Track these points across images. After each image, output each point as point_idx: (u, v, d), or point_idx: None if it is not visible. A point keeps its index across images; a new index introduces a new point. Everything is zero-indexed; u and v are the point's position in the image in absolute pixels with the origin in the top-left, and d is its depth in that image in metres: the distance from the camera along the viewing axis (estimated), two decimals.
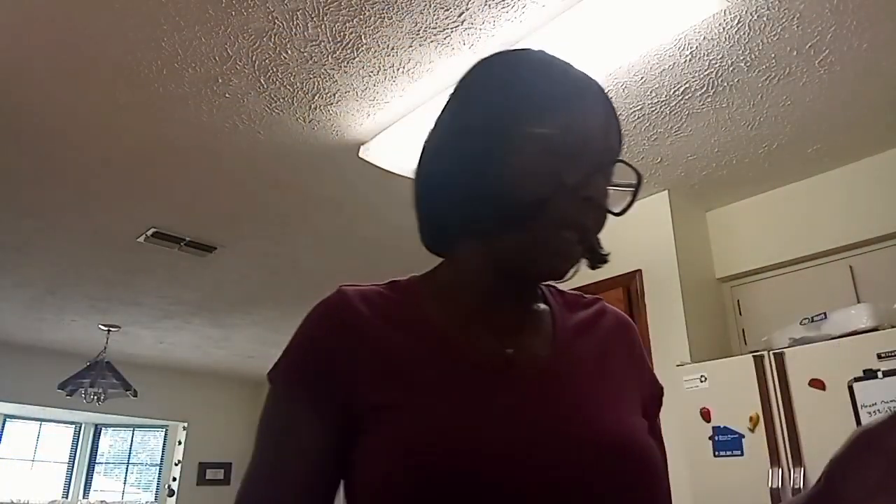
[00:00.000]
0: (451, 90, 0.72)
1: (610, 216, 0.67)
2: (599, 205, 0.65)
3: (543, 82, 0.67)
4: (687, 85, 2.51)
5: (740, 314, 3.31)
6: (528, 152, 0.63)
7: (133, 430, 7.80)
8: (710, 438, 2.57)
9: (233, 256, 4.18)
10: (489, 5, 2.11)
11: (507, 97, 0.66)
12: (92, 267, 4.38)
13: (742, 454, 2.48)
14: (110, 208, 3.55)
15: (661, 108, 2.65)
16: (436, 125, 0.72)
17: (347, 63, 2.40)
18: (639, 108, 2.64)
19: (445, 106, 0.72)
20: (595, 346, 0.74)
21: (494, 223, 0.64)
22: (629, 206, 0.67)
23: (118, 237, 3.91)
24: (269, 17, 2.18)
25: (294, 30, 2.24)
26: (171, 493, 7.32)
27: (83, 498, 7.32)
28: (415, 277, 0.74)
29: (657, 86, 2.51)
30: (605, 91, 0.69)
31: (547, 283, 0.75)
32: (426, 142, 0.72)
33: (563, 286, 0.78)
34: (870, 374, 2.24)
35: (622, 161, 0.68)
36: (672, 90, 2.54)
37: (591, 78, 0.69)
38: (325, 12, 2.16)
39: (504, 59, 0.71)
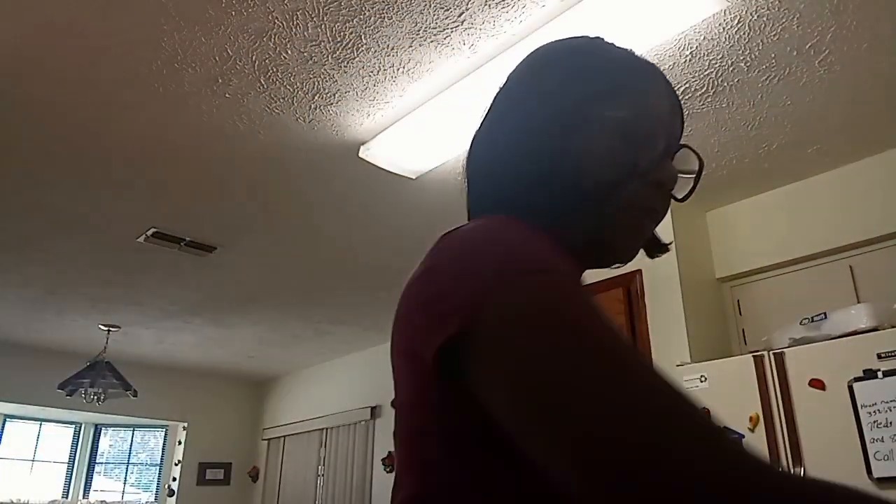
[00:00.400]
0: (512, 74, 0.71)
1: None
2: (668, 190, 0.65)
3: (612, 66, 0.66)
4: (687, 85, 2.51)
5: (740, 314, 3.31)
6: (603, 136, 0.62)
7: (133, 430, 7.80)
8: None
9: (233, 256, 4.18)
10: (489, 5, 2.11)
11: (578, 81, 0.65)
12: (92, 267, 4.38)
13: None
14: (110, 208, 3.55)
15: None
16: (497, 105, 0.70)
17: (347, 63, 2.40)
18: None
19: (505, 88, 0.71)
20: None
21: (567, 206, 0.63)
22: (692, 192, 0.68)
23: (118, 237, 3.91)
24: (269, 17, 2.18)
25: (294, 30, 2.24)
26: (171, 493, 7.32)
27: (83, 498, 7.32)
28: None
29: None
30: (668, 78, 0.69)
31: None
32: (487, 121, 0.70)
33: None
34: (870, 374, 2.24)
35: (687, 146, 0.68)
36: None
37: (649, 62, 0.68)
38: (325, 12, 2.16)
39: (569, 44, 0.70)
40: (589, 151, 0.62)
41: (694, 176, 0.68)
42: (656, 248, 0.72)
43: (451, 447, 0.54)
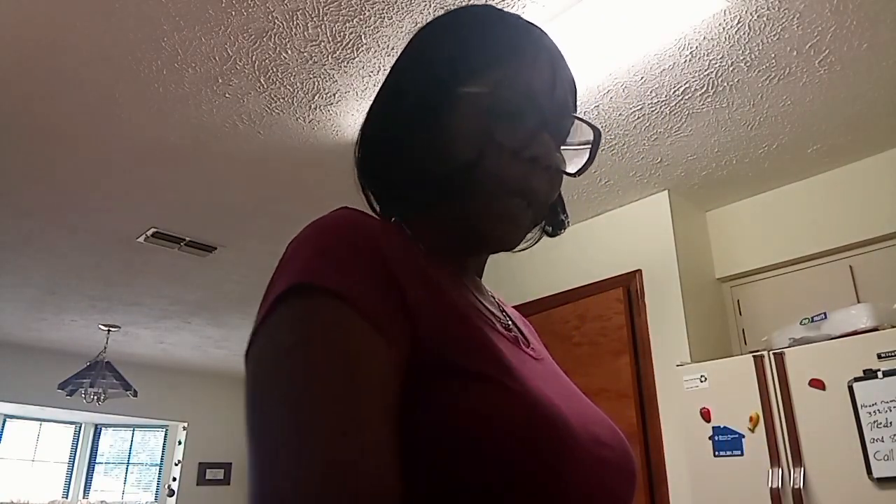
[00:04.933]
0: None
1: (566, 178, 0.62)
2: (548, 166, 0.59)
3: (474, 38, 0.62)
4: (687, 85, 2.51)
5: (740, 314, 3.31)
6: (459, 113, 0.59)
7: (133, 430, 7.80)
8: (710, 438, 2.57)
9: (233, 256, 4.19)
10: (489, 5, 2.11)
11: (439, 56, 0.62)
12: (92, 267, 4.38)
13: (742, 454, 2.48)
14: (110, 208, 3.55)
15: (661, 108, 2.65)
16: (377, 94, 0.66)
17: (347, 63, 2.40)
18: (639, 108, 2.65)
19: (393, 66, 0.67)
20: (533, 337, 0.72)
21: (435, 191, 0.60)
22: (587, 165, 0.62)
23: (118, 237, 3.91)
24: (269, 17, 2.18)
25: (294, 30, 2.24)
26: (171, 493, 7.32)
27: (83, 498, 7.32)
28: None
29: (657, 86, 2.51)
30: (557, 45, 0.64)
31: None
32: (368, 110, 0.66)
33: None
34: (870, 374, 2.24)
35: (577, 117, 0.63)
36: (672, 90, 2.54)
37: (538, 30, 0.64)
38: (325, 12, 2.16)
39: (441, 19, 0.66)
40: (447, 129, 0.59)
41: (590, 147, 0.62)
42: (555, 226, 0.67)
43: None
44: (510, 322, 0.66)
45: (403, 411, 0.47)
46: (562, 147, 0.63)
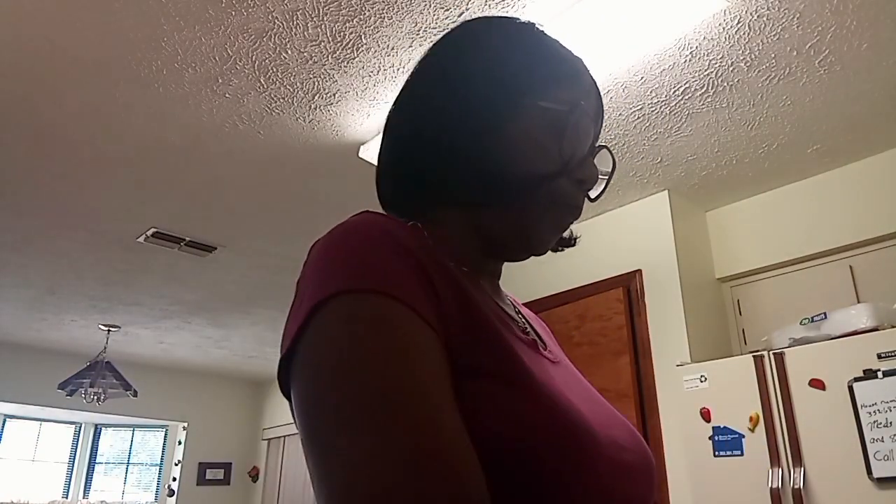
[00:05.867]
0: (434, 49, 0.66)
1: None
2: (588, 189, 0.63)
3: (548, 54, 0.63)
4: (687, 85, 2.51)
5: (740, 314, 3.31)
6: (540, 127, 0.60)
7: (133, 430, 7.80)
8: (710, 438, 2.57)
9: (233, 256, 4.19)
10: (489, 5, 2.11)
11: (514, 64, 0.62)
12: (92, 267, 4.38)
13: (742, 454, 2.48)
14: (110, 208, 3.55)
15: (661, 108, 2.65)
16: (419, 78, 0.65)
17: (347, 63, 2.40)
18: (639, 108, 2.65)
19: (428, 61, 0.65)
20: (553, 341, 0.73)
21: (489, 196, 0.60)
22: (603, 192, 0.66)
23: (118, 237, 3.91)
24: (269, 17, 2.18)
25: (294, 30, 2.24)
26: (171, 493, 7.32)
27: (83, 498, 7.32)
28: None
29: (657, 86, 2.51)
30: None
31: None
32: (407, 94, 0.65)
33: None
34: (870, 374, 2.24)
35: (605, 147, 0.66)
36: (672, 90, 2.54)
37: (583, 60, 0.66)
38: (325, 12, 2.16)
39: (499, 24, 0.66)
40: (521, 140, 0.59)
41: (607, 177, 0.66)
42: (563, 243, 0.70)
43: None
44: (527, 325, 0.66)
45: None
46: (598, 173, 0.66)
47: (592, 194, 0.65)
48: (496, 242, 0.63)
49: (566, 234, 0.69)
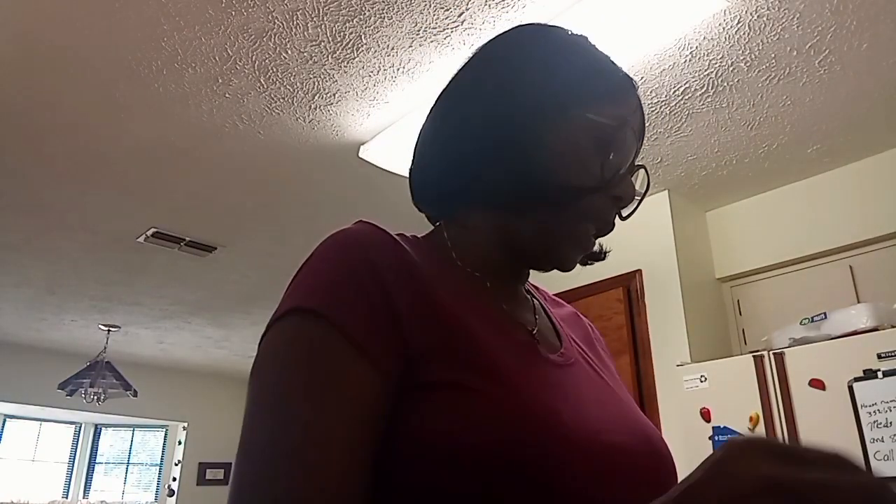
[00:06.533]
0: (484, 52, 0.66)
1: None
2: (623, 207, 0.63)
3: (599, 69, 0.63)
4: (687, 85, 2.51)
5: (740, 314, 3.31)
6: (582, 139, 0.59)
7: (133, 430, 7.80)
8: (710, 438, 2.57)
9: (233, 256, 4.19)
10: (489, 5, 2.11)
11: (565, 74, 0.61)
12: (92, 267, 4.38)
13: None
14: (110, 208, 3.55)
15: (661, 108, 2.65)
16: (467, 75, 0.65)
17: (347, 63, 2.40)
18: None
19: (472, 66, 0.66)
20: (583, 342, 0.72)
21: (523, 202, 0.60)
22: (634, 211, 0.66)
23: (118, 237, 3.91)
24: (269, 17, 2.18)
25: (294, 30, 2.24)
26: (171, 493, 7.32)
27: (83, 498, 7.32)
28: (416, 236, 0.66)
29: (657, 86, 2.51)
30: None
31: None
32: (454, 88, 0.66)
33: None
34: (870, 374, 2.24)
35: (643, 167, 0.66)
36: (672, 90, 2.54)
37: (632, 78, 0.66)
38: (325, 12, 2.16)
39: (551, 34, 0.66)
40: (565, 151, 0.59)
41: (640, 197, 0.65)
42: (592, 257, 0.69)
43: None
44: (537, 326, 0.65)
45: (391, 425, 0.49)
46: (633, 190, 0.66)
47: (624, 213, 0.65)
48: (520, 249, 0.63)
49: (597, 248, 0.68)
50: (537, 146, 0.59)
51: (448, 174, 0.64)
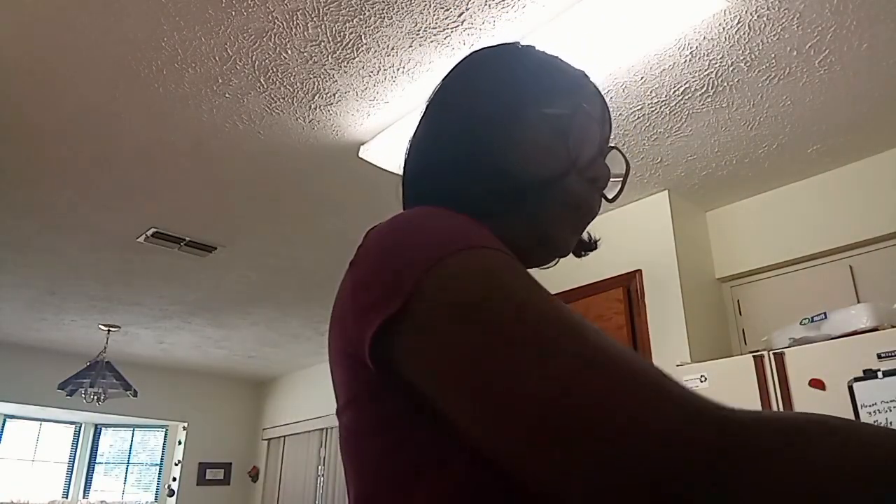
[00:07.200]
0: (444, 80, 0.72)
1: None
2: (602, 187, 0.67)
3: (547, 69, 0.69)
4: (687, 85, 2.51)
5: (740, 314, 3.31)
6: (543, 132, 0.64)
7: (133, 430, 7.80)
8: None
9: (233, 256, 4.18)
10: (489, 5, 2.11)
11: (516, 81, 0.67)
12: (92, 267, 4.38)
13: None
14: (110, 208, 3.55)
15: (661, 108, 2.65)
16: (431, 111, 0.72)
17: (347, 63, 2.40)
18: (639, 108, 2.65)
19: (441, 93, 0.72)
20: None
21: (502, 203, 0.64)
22: (620, 193, 0.70)
23: (118, 237, 3.91)
24: (269, 17, 2.18)
25: (294, 30, 2.24)
26: (171, 493, 7.32)
27: (83, 498, 7.32)
28: None
29: (657, 86, 2.51)
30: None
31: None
32: (424, 123, 0.72)
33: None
34: (870, 374, 2.24)
35: (617, 149, 0.70)
36: (672, 90, 2.54)
37: (583, 70, 0.72)
38: (325, 12, 2.16)
39: (500, 50, 0.72)
40: (530, 146, 0.64)
41: (622, 178, 0.70)
42: (584, 247, 0.74)
43: (392, 438, 0.53)
44: None
45: None
46: (609, 173, 0.70)
47: (609, 195, 0.69)
48: (519, 250, 0.64)
49: (586, 237, 0.73)
50: (504, 151, 0.64)
51: (433, 196, 0.67)
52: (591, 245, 0.74)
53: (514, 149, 0.64)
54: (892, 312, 2.39)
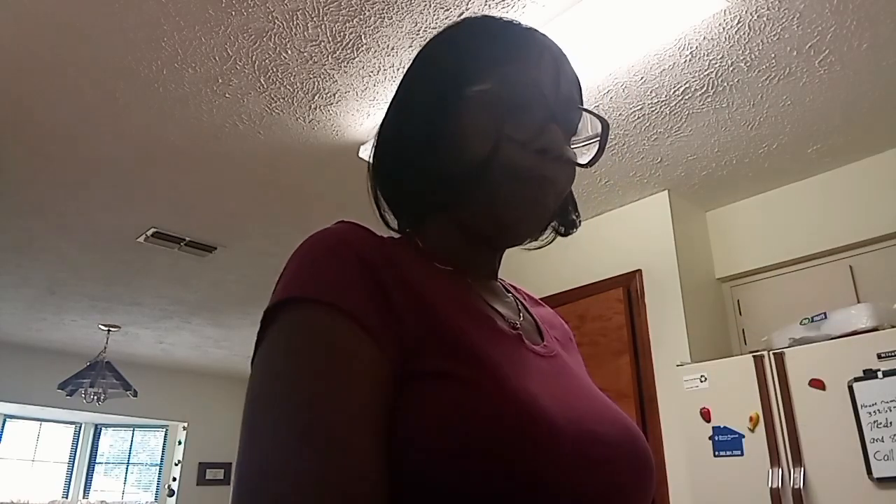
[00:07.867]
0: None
1: (579, 169, 0.65)
2: (558, 157, 0.61)
3: (477, 43, 0.65)
4: (687, 85, 2.51)
5: (740, 314, 3.31)
6: (469, 113, 0.62)
7: (133, 430, 7.80)
8: (710, 438, 2.57)
9: (233, 256, 4.19)
10: (489, 5, 2.11)
11: (440, 64, 0.65)
12: (92, 267, 4.38)
13: (742, 454, 2.48)
14: (110, 208, 3.55)
15: (661, 108, 2.65)
16: (389, 105, 0.71)
17: (347, 63, 2.40)
18: (639, 108, 2.65)
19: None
20: (561, 339, 0.73)
21: (452, 190, 0.63)
22: (598, 156, 0.65)
23: (118, 237, 3.91)
24: (269, 17, 2.18)
25: (294, 30, 2.24)
26: (171, 493, 7.32)
27: (83, 498, 7.32)
28: (392, 238, 0.67)
29: (657, 86, 2.51)
30: (558, 45, 0.67)
31: (516, 246, 0.69)
32: (381, 122, 0.71)
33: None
34: (870, 374, 2.24)
35: (584, 109, 0.65)
36: (672, 90, 2.54)
37: (539, 32, 0.67)
38: (325, 12, 2.16)
39: (444, 31, 0.69)
40: (457, 129, 0.62)
41: (598, 140, 0.65)
42: (565, 224, 0.70)
43: None
44: (519, 320, 0.66)
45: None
46: (572, 140, 0.65)
47: (583, 160, 0.64)
48: (478, 235, 0.65)
49: (565, 214, 0.70)
50: (441, 140, 0.63)
51: (392, 194, 0.69)
52: (571, 220, 0.70)
53: (448, 138, 0.62)
54: (892, 312, 2.39)
